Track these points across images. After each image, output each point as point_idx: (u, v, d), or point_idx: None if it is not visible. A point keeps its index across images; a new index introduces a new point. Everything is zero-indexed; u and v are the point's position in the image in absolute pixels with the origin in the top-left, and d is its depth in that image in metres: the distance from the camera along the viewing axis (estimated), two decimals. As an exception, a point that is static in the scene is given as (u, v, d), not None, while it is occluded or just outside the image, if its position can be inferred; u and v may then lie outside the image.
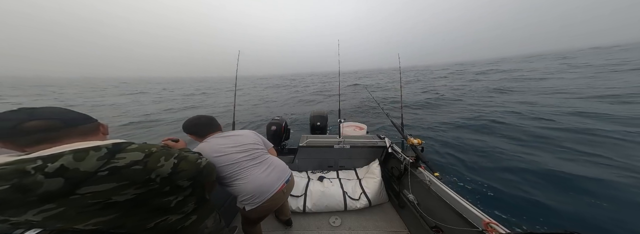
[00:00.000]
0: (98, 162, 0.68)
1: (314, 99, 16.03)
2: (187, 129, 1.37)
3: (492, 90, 12.86)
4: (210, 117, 1.44)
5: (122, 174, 0.72)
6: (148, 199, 0.81)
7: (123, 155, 0.74)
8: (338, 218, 2.21)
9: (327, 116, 3.69)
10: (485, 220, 1.22)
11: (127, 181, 0.73)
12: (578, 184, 3.23)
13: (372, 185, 2.40)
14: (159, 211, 0.86)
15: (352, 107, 11.07)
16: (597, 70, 18.09)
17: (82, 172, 0.65)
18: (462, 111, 8.44)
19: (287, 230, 2.07)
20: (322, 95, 18.36)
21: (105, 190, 0.70)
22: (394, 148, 2.61)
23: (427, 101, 11.14)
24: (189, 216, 0.97)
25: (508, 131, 5.70)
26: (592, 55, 49.53)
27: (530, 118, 6.50)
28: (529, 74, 20.56)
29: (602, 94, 8.75)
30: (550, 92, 10.34)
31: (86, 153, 0.68)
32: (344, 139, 2.80)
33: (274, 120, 2.92)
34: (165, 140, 1.24)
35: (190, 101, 19.27)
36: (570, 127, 5.42)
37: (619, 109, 6.65)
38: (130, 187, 0.74)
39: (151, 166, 0.78)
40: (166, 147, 0.89)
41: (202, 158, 1.01)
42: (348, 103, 12.27)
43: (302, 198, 2.31)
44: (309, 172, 2.83)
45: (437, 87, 16.71)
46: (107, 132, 0.90)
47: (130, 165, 0.73)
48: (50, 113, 0.73)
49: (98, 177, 0.68)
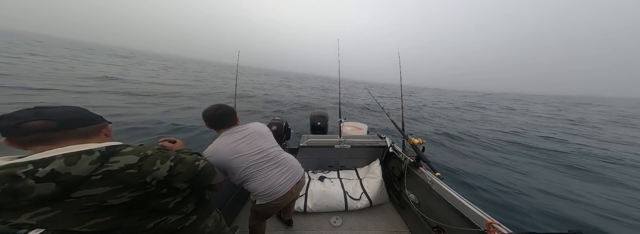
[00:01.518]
0: (91, 166, 0.68)
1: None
2: (204, 118, 1.37)
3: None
4: (228, 109, 1.40)
5: (116, 178, 0.71)
6: (145, 201, 0.80)
7: (117, 158, 0.73)
8: (339, 217, 2.21)
9: (328, 116, 3.69)
10: (488, 220, 1.22)
11: (122, 184, 0.72)
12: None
13: (373, 185, 2.40)
14: (157, 212, 0.86)
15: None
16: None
17: (75, 177, 0.65)
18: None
19: (288, 230, 2.06)
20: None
21: (100, 194, 0.69)
22: (394, 148, 2.60)
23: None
24: (188, 217, 0.97)
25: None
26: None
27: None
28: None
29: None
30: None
31: (78, 157, 0.67)
32: (345, 139, 2.80)
33: (275, 120, 2.92)
34: (161, 141, 1.22)
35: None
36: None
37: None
38: (126, 190, 0.73)
39: (146, 170, 0.77)
40: (163, 149, 0.88)
41: (200, 160, 0.99)
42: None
43: (303, 198, 2.30)
44: (309, 172, 2.83)
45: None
46: (110, 135, 0.89)
47: (124, 169, 0.73)
48: (54, 113, 0.72)
49: (91, 181, 0.67)
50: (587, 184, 4.69)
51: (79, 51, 46.06)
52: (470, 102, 29.40)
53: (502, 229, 1.14)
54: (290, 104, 12.82)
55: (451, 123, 11.29)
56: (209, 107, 1.38)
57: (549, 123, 13.68)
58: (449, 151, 6.28)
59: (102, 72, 16.13)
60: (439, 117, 13.37)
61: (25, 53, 24.47)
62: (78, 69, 16.82)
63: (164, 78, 19.20)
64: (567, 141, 8.65)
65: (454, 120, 12.53)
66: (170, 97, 10.52)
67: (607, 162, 6.26)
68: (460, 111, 17.64)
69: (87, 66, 20.02)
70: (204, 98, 11.57)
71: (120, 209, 0.76)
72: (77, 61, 24.38)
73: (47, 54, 27.43)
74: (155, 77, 19.22)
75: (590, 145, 8.24)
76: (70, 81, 11.37)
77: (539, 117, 16.56)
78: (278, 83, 32.27)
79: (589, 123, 15.11)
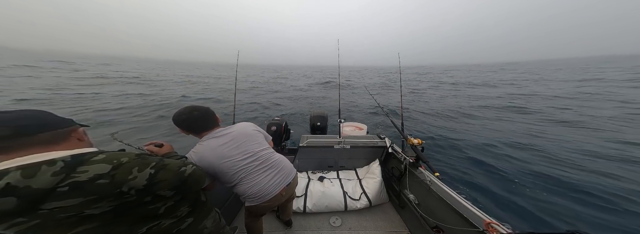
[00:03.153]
0: (54, 178, 0.61)
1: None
2: (179, 124, 1.18)
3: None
4: (204, 110, 1.23)
5: (85, 189, 0.64)
6: (129, 209, 0.74)
7: (85, 168, 0.66)
8: (338, 218, 2.21)
9: (327, 116, 3.69)
10: (486, 220, 1.22)
11: (95, 195, 0.65)
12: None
13: (373, 185, 2.40)
14: (147, 218, 0.81)
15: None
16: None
17: (36, 190, 0.59)
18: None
19: (288, 230, 2.06)
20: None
21: (73, 205, 0.63)
22: (394, 148, 2.61)
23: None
24: (184, 220, 0.93)
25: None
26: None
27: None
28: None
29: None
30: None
31: (37, 168, 0.61)
32: (344, 139, 2.80)
33: (274, 120, 2.92)
34: (147, 145, 1.13)
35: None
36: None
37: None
38: (102, 200, 0.67)
39: (120, 179, 0.69)
40: (144, 155, 0.81)
41: (187, 166, 0.91)
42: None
43: (303, 198, 2.30)
44: (309, 172, 2.83)
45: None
46: (84, 138, 0.81)
47: (94, 179, 0.65)
48: (8, 119, 0.65)
49: (58, 193, 0.61)
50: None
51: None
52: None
53: (501, 229, 1.14)
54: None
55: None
56: (181, 109, 1.20)
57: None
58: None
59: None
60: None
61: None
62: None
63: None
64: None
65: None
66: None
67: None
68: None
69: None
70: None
71: (106, 217, 0.70)
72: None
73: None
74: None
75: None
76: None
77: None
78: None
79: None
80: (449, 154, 4.87)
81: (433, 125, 7.28)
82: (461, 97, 13.02)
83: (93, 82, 17.76)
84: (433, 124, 7.35)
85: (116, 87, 15.09)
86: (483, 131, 6.43)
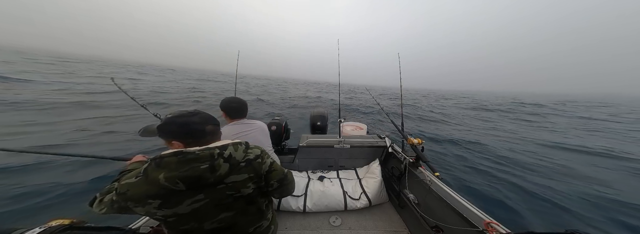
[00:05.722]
0: (242, 153, 0.84)
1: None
2: (225, 107, 1.60)
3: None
4: (242, 103, 1.65)
5: (252, 166, 0.85)
6: (256, 196, 0.90)
7: (252, 150, 0.89)
8: (338, 217, 2.21)
9: (327, 115, 3.68)
10: (486, 220, 1.22)
11: (253, 173, 0.85)
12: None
13: (373, 185, 2.40)
14: (259, 212, 0.95)
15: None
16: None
17: (236, 161, 0.81)
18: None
19: (288, 230, 2.06)
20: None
21: (241, 180, 0.82)
22: (394, 148, 2.60)
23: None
24: (270, 225, 1.04)
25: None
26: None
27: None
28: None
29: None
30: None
31: (237, 146, 0.84)
32: (344, 139, 2.80)
33: (274, 120, 2.92)
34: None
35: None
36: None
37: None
38: (252, 180, 0.85)
39: (263, 161, 0.90)
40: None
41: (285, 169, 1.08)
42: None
43: (302, 198, 2.30)
44: (309, 172, 2.83)
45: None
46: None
47: (255, 159, 0.87)
48: (213, 118, 0.89)
49: (240, 167, 0.82)
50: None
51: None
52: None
53: (500, 229, 1.14)
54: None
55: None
56: (228, 98, 1.62)
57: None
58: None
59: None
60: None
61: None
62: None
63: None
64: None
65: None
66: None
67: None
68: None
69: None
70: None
71: (242, 203, 0.86)
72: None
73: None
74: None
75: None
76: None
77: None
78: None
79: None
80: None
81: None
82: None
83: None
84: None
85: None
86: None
